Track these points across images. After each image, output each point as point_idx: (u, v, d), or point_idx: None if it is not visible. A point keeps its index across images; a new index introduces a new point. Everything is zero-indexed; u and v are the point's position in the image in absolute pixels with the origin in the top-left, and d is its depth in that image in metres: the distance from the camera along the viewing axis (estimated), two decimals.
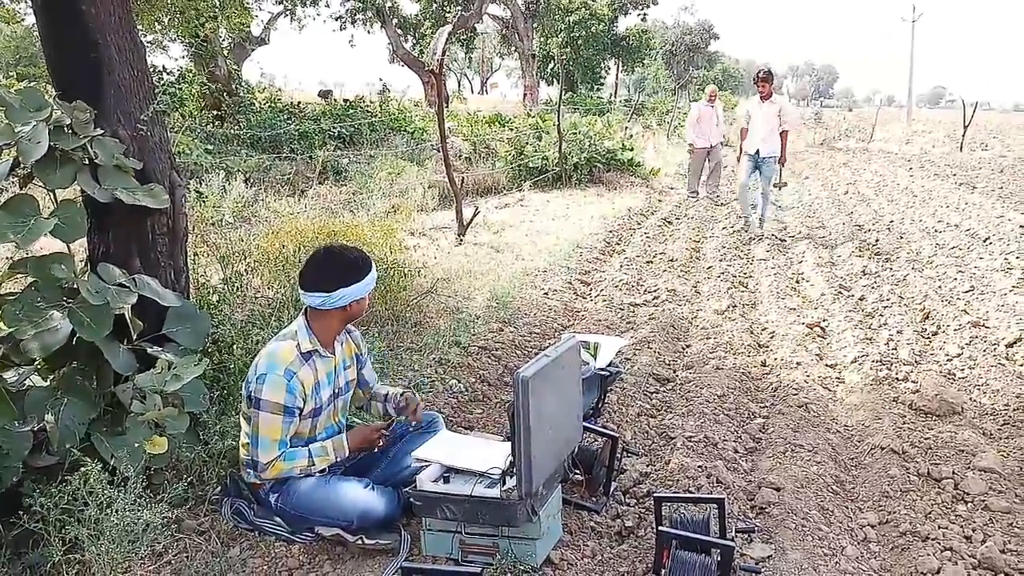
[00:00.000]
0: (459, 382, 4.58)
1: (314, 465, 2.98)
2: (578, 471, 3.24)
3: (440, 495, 2.80)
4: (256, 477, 2.95)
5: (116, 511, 2.41)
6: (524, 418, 2.60)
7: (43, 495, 2.45)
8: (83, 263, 3.24)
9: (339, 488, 2.94)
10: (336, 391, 3.15)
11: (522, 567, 2.76)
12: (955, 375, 4.93)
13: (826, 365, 5.19)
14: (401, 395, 3.33)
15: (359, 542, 2.86)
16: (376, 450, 3.18)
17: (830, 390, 4.80)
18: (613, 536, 3.11)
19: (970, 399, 4.53)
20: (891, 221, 10.46)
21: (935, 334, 5.72)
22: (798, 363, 5.14)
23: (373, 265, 3.09)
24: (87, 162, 2.98)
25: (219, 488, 3.12)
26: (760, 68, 9.78)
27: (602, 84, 36.84)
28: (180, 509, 2.97)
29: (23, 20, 12.62)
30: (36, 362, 2.96)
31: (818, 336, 5.80)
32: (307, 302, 3.01)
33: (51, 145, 2.83)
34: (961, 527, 3.21)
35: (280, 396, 2.87)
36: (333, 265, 3.00)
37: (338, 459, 3.06)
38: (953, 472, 3.61)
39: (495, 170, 14.02)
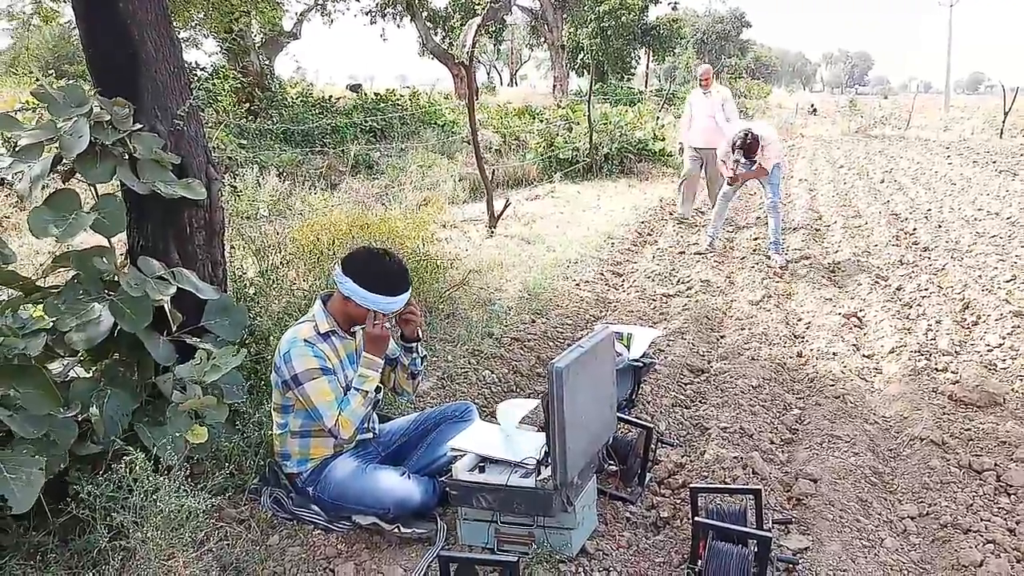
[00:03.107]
0: (492, 373, 4.60)
1: (367, 392, 2.97)
2: (613, 462, 3.24)
3: (475, 484, 2.81)
4: (340, 444, 3.02)
5: (159, 499, 2.46)
6: (558, 409, 2.60)
7: (89, 483, 2.50)
8: (123, 257, 3.30)
9: (375, 477, 2.97)
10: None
11: (558, 557, 2.77)
12: (996, 365, 4.84)
13: (863, 355, 5.13)
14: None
15: (396, 531, 2.89)
16: (389, 326, 3.07)
17: (868, 381, 4.74)
18: (649, 527, 3.11)
19: (1012, 390, 4.44)
20: (929, 209, 10.27)
21: (975, 324, 5.62)
22: (835, 353, 5.08)
23: (389, 295, 2.99)
24: (127, 157, 3.03)
25: (258, 478, 3.17)
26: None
27: (632, 74, 36.57)
28: (220, 498, 3.02)
29: (63, 19, 12.85)
30: (79, 354, 3.03)
31: (855, 326, 5.73)
32: None
33: (92, 140, 2.88)
34: (1004, 519, 3.16)
35: (311, 361, 2.91)
36: (361, 259, 3.04)
37: (376, 370, 3.02)
38: (995, 464, 3.55)
39: (525, 162, 14.00)
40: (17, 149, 2.92)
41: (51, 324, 2.81)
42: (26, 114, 7.53)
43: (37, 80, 13.37)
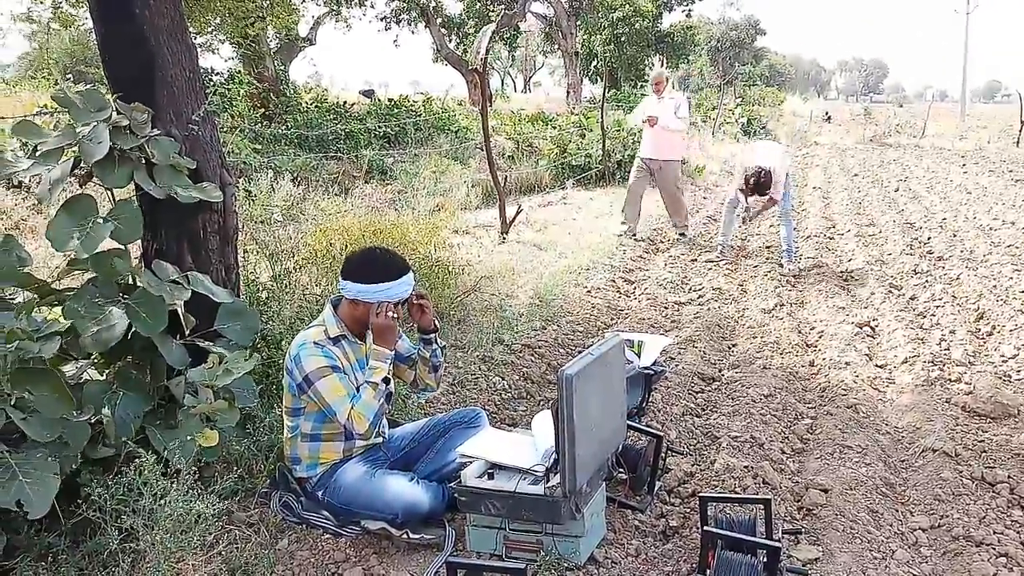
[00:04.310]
0: (502, 379, 4.60)
1: (377, 385, 2.95)
2: (622, 470, 3.23)
3: (484, 491, 2.81)
4: (357, 440, 3.02)
5: (169, 502, 2.48)
6: (568, 416, 2.60)
7: (100, 485, 2.52)
8: (138, 260, 3.33)
9: (385, 482, 2.97)
10: None
11: (566, 564, 2.77)
12: (1011, 377, 4.80)
13: (876, 365, 5.09)
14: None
15: (404, 536, 2.89)
16: (394, 315, 3.03)
17: (880, 391, 4.71)
18: (657, 535, 3.10)
19: None
20: (944, 219, 10.21)
21: (990, 334, 5.57)
22: (847, 363, 5.05)
23: (388, 281, 3.00)
24: (143, 161, 3.06)
25: (268, 481, 3.18)
26: None
27: (646, 81, 36.47)
28: (230, 501, 3.04)
29: (81, 23, 12.97)
30: (93, 356, 3.05)
31: (868, 336, 5.69)
32: None
33: (111, 145, 2.91)
34: (1017, 532, 3.13)
35: (321, 361, 2.93)
36: (354, 259, 3.09)
37: (385, 361, 3.01)
38: (1009, 476, 3.52)
39: (538, 168, 14.01)
40: (38, 153, 2.95)
41: (66, 327, 2.84)
42: (44, 118, 7.62)
43: (56, 84, 13.52)
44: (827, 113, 38.78)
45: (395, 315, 3.06)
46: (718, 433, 3.96)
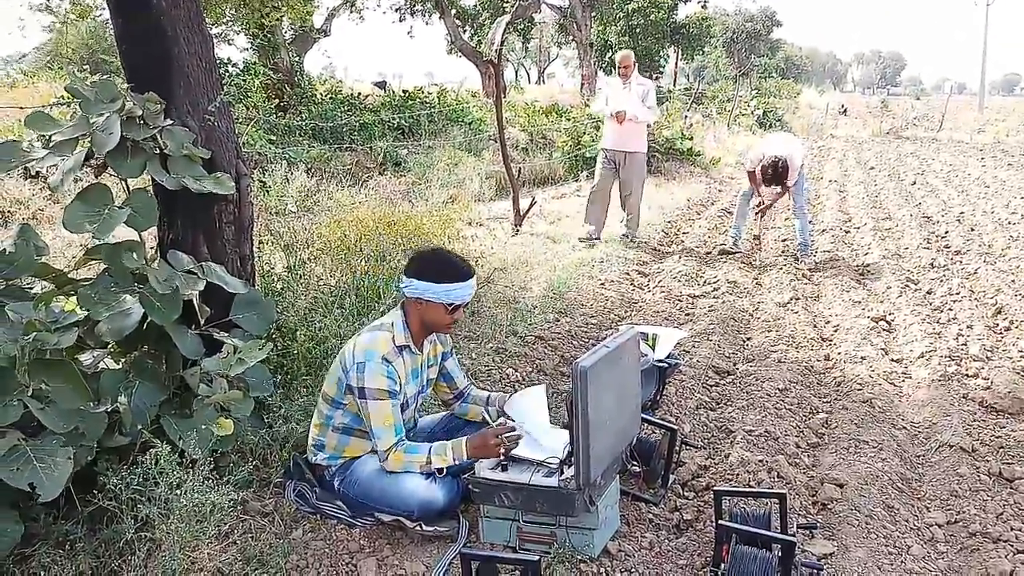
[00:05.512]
0: (516, 371, 4.59)
1: (431, 463, 2.95)
2: (636, 463, 3.22)
3: (498, 483, 2.81)
4: (384, 463, 2.97)
5: (185, 492, 2.49)
6: (582, 408, 2.59)
7: (116, 474, 2.54)
8: (153, 251, 3.34)
9: (400, 477, 2.95)
10: (419, 388, 3.19)
11: (579, 557, 2.76)
12: None
13: (892, 360, 5.06)
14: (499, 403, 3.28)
15: (418, 528, 2.89)
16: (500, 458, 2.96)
17: (896, 385, 4.67)
18: (671, 529, 3.09)
19: None
20: (961, 212, 10.12)
21: (1008, 329, 5.52)
22: (863, 357, 5.02)
23: (457, 282, 2.97)
24: (157, 152, 3.07)
25: (283, 471, 3.19)
26: None
27: (661, 73, 36.29)
28: (245, 491, 3.04)
29: (97, 15, 13.03)
30: (109, 346, 3.07)
31: (884, 330, 5.65)
32: None
33: (123, 135, 2.91)
34: None
35: (383, 382, 2.91)
36: (422, 257, 3.07)
37: (455, 462, 2.96)
38: None
39: (552, 160, 13.98)
40: (51, 144, 2.97)
41: (83, 317, 2.86)
42: (62, 108, 7.66)
43: (72, 75, 13.59)
44: (843, 106, 38.44)
45: (505, 451, 2.93)
46: (732, 427, 3.95)
